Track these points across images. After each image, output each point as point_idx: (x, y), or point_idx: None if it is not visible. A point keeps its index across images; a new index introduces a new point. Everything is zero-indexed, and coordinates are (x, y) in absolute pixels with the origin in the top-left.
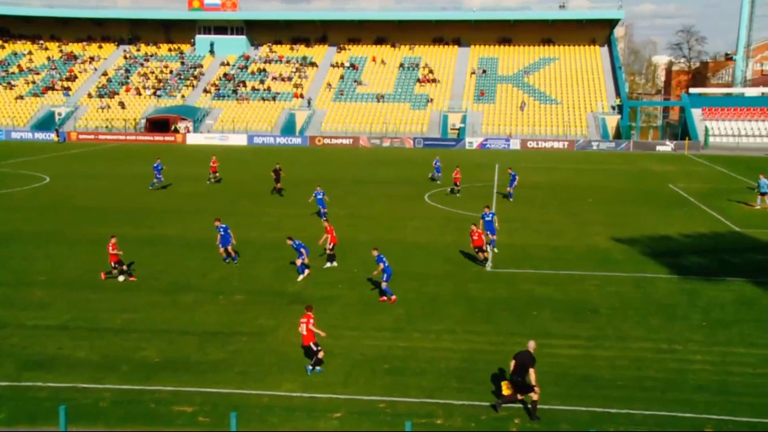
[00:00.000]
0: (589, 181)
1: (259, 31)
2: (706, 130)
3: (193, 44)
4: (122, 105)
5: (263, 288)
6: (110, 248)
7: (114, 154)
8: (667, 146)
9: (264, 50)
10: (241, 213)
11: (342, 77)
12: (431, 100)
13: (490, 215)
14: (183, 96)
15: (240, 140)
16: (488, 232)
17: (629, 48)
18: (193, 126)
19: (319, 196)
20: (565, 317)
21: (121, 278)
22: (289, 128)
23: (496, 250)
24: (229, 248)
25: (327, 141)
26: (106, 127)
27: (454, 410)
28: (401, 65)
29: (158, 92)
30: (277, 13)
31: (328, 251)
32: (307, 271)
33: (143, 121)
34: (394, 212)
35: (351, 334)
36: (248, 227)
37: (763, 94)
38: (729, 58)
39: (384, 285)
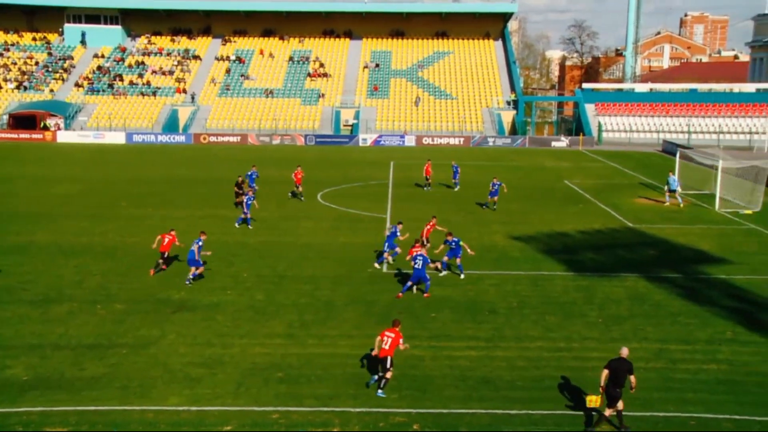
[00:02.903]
0: (485, 177)
1: (136, 20)
2: (600, 125)
3: (61, 34)
4: None
5: (146, 296)
6: None
7: None
8: (562, 142)
9: (142, 42)
10: (121, 217)
11: (228, 71)
12: (323, 95)
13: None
14: (52, 90)
15: (118, 138)
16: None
17: (523, 42)
18: (65, 123)
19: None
20: (463, 318)
21: None
22: (171, 125)
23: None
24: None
25: (213, 139)
26: None
27: (351, 418)
28: (291, 59)
29: (23, 85)
30: (155, 1)
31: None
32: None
33: (5, 116)
34: (286, 213)
35: (242, 342)
36: (130, 231)
37: (651, 89)
38: (619, 54)
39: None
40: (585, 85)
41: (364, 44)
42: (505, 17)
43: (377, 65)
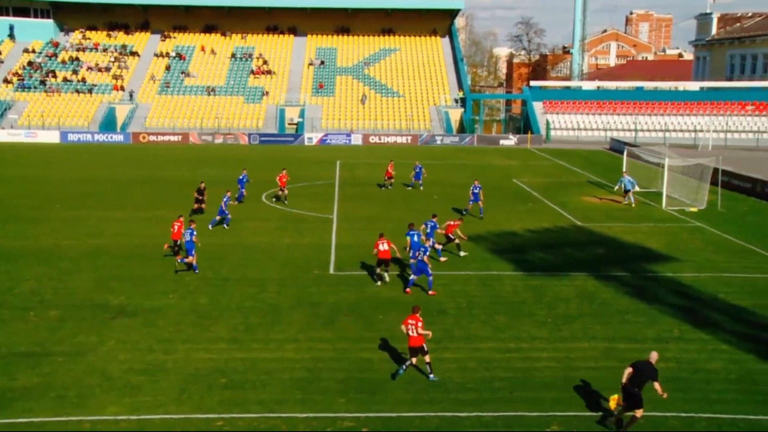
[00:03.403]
0: (433, 176)
1: (69, 14)
2: (548, 123)
3: None
4: None
5: (83, 301)
6: None
7: None
8: (510, 140)
9: (76, 37)
10: (55, 218)
11: (168, 68)
12: (267, 93)
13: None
14: None
15: (51, 137)
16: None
17: (470, 39)
18: None
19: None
20: None
21: None
22: (109, 124)
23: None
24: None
25: (153, 138)
26: None
27: (298, 423)
28: (233, 55)
29: None
30: None
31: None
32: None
33: None
34: (229, 214)
35: (184, 347)
36: (65, 234)
37: (598, 87)
38: (566, 51)
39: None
40: (533, 83)
41: (308, 41)
42: (452, 14)
43: (322, 62)
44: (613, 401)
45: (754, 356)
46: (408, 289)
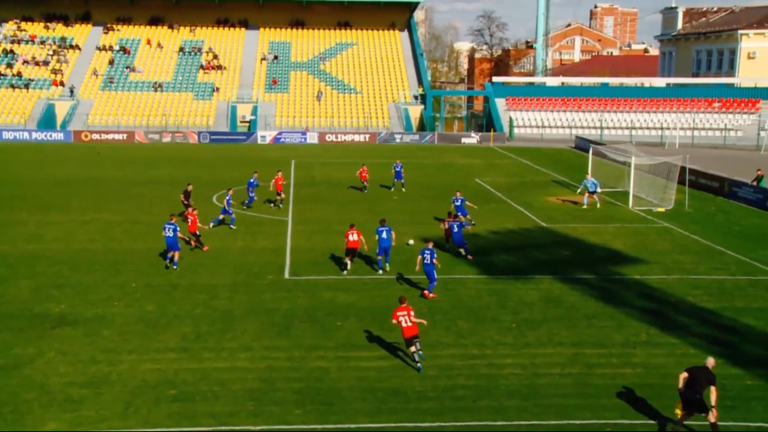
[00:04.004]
0: (384, 176)
1: (2, 4)
2: (511, 121)
3: None
4: None
5: (20, 310)
6: None
7: None
8: (472, 138)
9: (10, 28)
10: None
11: (111, 62)
12: (217, 89)
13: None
14: None
15: None
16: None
17: (430, 33)
18: None
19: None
20: (371, 326)
21: None
22: (47, 121)
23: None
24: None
25: (96, 136)
26: None
27: None
28: (181, 49)
29: None
30: None
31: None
32: None
33: None
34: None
35: (130, 358)
36: (0, 239)
37: (563, 83)
38: (529, 46)
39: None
40: (495, 79)
41: (261, 34)
42: (411, 6)
43: (276, 57)
44: (678, 409)
45: (722, 360)
46: (426, 292)
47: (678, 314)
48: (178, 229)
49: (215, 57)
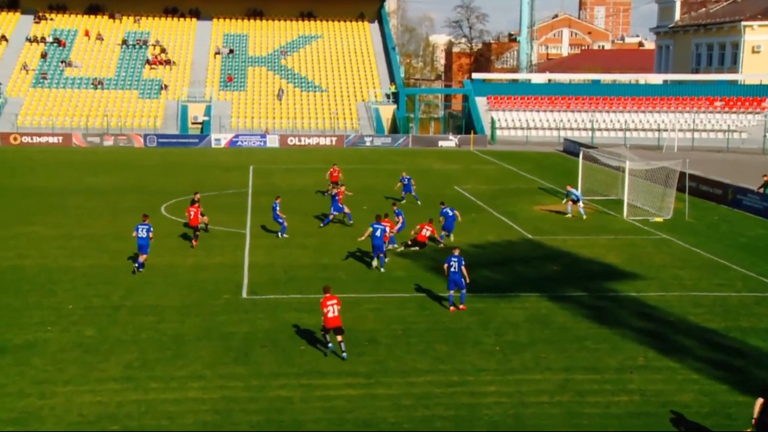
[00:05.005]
0: (362, 183)
1: None
2: (493, 122)
3: None
4: None
5: None
6: None
7: None
8: (450, 141)
9: None
10: None
11: (44, 56)
12: (165, 86)
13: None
14: None
15: None
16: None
17: (403, 25)
18: None
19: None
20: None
21: None
22: None
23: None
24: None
25: (26, 139)
26: None
27: None
28: (124, 42)
29: None
30: None
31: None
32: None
33: None
34: (119, 229)
35: (66, 389)
36: None
37: (550, 80)
38: (513, 39)
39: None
40: (475, 75)
41: (214, 26)
42: None
43: (231, 51)
44: None
45: (728, 387)
46: (452, 308)
47: (678, 335)
48: (152, 230)
49: (163, 51)
